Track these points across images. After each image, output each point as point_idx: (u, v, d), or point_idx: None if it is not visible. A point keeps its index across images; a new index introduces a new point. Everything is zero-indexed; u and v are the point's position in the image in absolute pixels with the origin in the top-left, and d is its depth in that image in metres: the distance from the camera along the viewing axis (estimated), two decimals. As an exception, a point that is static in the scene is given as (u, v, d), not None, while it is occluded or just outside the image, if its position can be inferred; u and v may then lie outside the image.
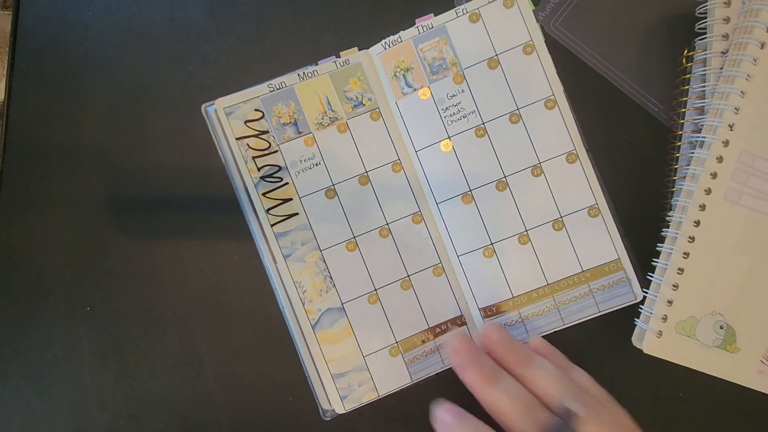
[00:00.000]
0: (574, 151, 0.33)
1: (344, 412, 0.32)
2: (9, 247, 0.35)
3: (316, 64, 0.33)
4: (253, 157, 0.33)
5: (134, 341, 0.34)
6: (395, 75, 0.33)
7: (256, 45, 0.35)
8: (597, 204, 0.32)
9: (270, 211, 0.33)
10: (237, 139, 0.33)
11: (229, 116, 0.33)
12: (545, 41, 0.33)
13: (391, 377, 0.32)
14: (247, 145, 0.33)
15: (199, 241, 0.35)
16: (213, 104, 0.34)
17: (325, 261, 0.33)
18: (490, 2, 0.32)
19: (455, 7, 0.33)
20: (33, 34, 0.36)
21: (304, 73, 0.33)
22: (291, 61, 0.34)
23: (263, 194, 0.33)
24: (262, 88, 0.33)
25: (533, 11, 0.33)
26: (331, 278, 0.33)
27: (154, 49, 0.36)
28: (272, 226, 0.33)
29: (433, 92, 0.33)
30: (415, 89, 0.33)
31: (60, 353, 0.35)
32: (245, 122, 0.33)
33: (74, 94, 0.36)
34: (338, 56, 0.33)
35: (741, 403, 0.32)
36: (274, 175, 0.33)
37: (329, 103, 0.33)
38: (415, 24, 0.33)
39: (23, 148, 0.36)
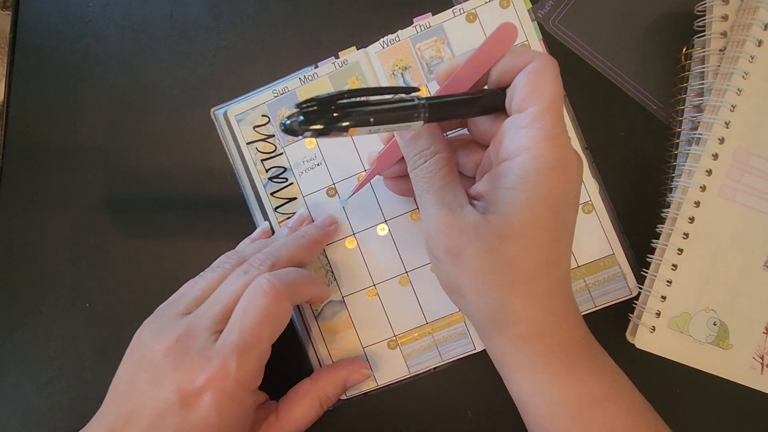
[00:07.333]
0: (572, 149, 0.36)
1: (345, 398, 0.36)
2: (9, 243, 0.38)
3: (316, 66, 0.37)
4: (262, 160, 0.36)
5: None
6: (393, 73, 0.36)
7: (256, 42, 0.38)
8: (591, 200, 0.35)
9: (277, 210, 0.37)
10: (248, 143, 0.36)
11: (240, 123, 0.36)
12: (543, 39, 0.36)
13: (390, 369, 0.36)
14: (256, 149, 0.36)
15: (199, 237, 0.38)
16: (221, 108, 0.37)
17: (326, 256, 0.36)
18: (486, 2, 0.36)
19: (453, 6, 0.36)
20: (33, 30, 0.39)
21: (304, 76, 0.36)
22: (290, 59, 0.37)
23: (271, 194, 0.37)
24: (267, 95, 0.36)
25: (531, 9, 0.36)
26: (332, 272, 0.36)
27: (153, 45, 0.39)
28: (279, 224, 0.37)
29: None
30: (413, 87, 0.36)
31: (59, 349, 0.38)
32: (254, 127, 0.36)
33: (74, 90, 0.39)
34: (337, 57, 0.37)
35: (736, 399, 0.35)
36: (280, 176, 0.36)
37: (329, 104, 0.36)
38: (413, 23, 0.36)
39: (23, 145, 0.39)
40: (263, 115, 0.37)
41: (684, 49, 0.36)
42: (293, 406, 0.33)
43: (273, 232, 0.37)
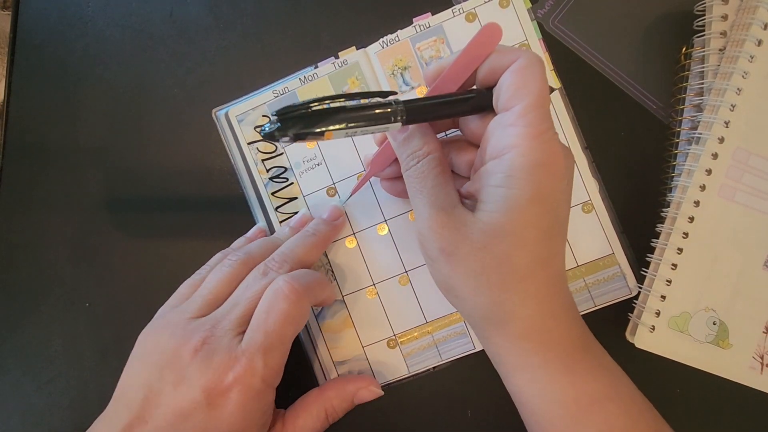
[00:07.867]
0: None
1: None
2: (9, 243, 0.39)
3: (316, 67, 0.37)
4: (262, 160, 0.37)
5: (133, 337, 0.36)
6: (393, 73, 0.36)
7: (256, 42, 0.38)
8: (591, 200, 0.36)
9: (278, 210, 0.37)
10: (248, 143, 0.37)
11: (240, 123, 0.37)
12: (543, 39, 0.36)
13: (390, 368, 0.36)
14: (257, 149, 0.37)
15: (199, 237, 0.38)
16: (222, 108, 0.37)
17: (327, 255, 0.37)
18: (486, 2, 0.36)
19: (452, 6, 0.36)
20: (33, 30, 0.39)
21: (305, 76, 0.37)
22: (290, 59, 0.38)
23: (272, 194, 0.37)
24: (268, 95, 0.37)
25: (531, 9, 0.36)
26: (332, 272, 0.37)
27: (153, 45, 0.39)
28: (280, 223, 0.37)
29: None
30: (412, 87, 0.37)
31: (60, 349, 0.38)
32: (255, 128, 0.37)
33: (73, 90, 0.39)
34: (337, 57, 0.37)
35: (736, 399, 0.35)
36: (281, 176, 0.37)
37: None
38: (412, 23, 0.37)
39: (23, 145, 0.39)
40: (264, 116, 0.37)
41: (684, 49, 0.36)
42: (300, 413, 0.33)
43: (272, 232, 0.37)
